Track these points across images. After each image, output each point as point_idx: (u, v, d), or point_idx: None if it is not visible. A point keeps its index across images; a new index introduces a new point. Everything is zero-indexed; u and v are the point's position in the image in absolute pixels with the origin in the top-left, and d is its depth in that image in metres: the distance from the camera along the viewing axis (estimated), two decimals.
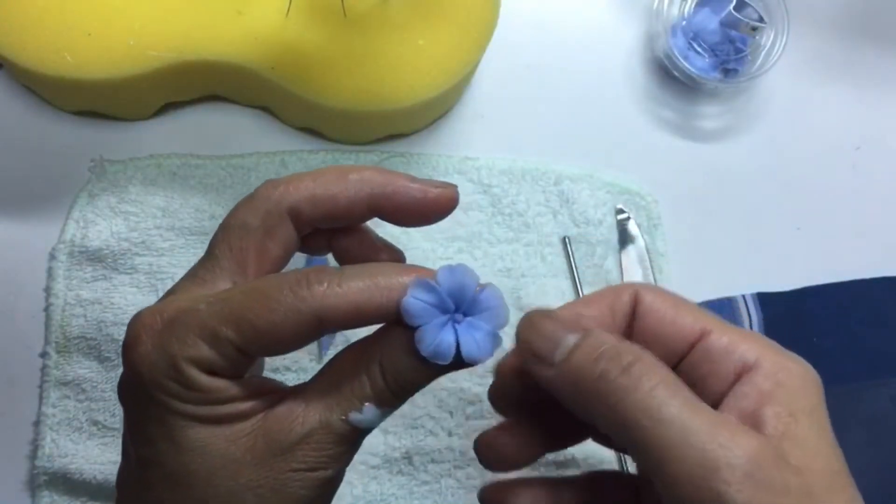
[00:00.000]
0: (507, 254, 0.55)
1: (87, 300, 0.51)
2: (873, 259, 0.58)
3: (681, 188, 0.59)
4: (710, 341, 0.29)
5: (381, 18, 0.52)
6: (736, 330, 0.30)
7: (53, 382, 0.50)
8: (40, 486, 0.49)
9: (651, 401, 0.26)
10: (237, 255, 0.29)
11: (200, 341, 0.26)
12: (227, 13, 0.51)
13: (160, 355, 0.26)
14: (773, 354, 0.29)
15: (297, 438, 0.27)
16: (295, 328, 0.26)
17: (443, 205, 0.30)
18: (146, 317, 0.27)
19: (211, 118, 0.56)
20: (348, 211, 0.29)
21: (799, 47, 0.61)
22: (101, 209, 0.52)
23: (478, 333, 0.27)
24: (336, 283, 0.26)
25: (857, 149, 0.61)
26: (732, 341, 0.29)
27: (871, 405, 0.54)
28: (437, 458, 0.51)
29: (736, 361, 0.29)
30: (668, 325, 0.30)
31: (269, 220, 0.29)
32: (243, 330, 0.26)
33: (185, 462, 0.27)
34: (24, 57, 0.49)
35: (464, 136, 0.58)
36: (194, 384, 0.26)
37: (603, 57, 0.61)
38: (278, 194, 0.29)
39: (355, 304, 0.26)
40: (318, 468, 0.27)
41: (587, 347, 0.28)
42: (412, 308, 0.26)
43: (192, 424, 0.27)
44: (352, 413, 0.27)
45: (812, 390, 0.28)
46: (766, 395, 0.28)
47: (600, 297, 0.31)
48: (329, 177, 0.29)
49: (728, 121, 0.61)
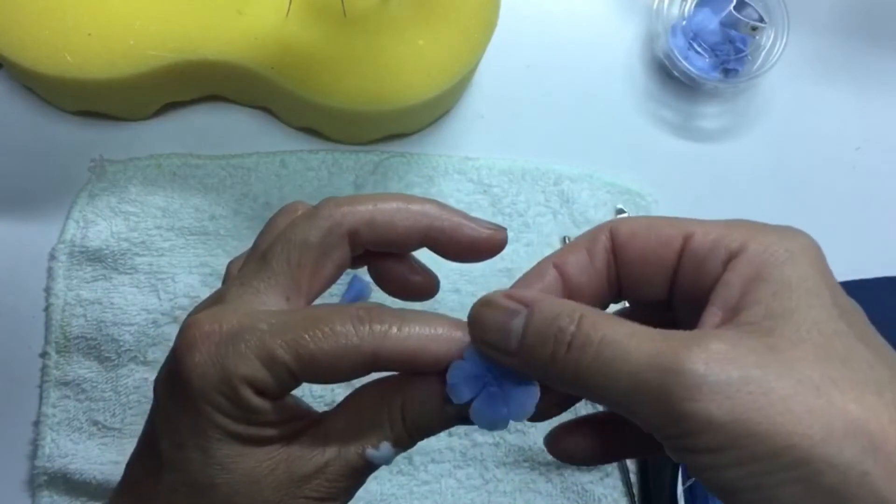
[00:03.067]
0: (507, 254, 0.54)
1: (87, 300, 0.51)
2: (873, 259, 0.58)
3: (681, 188, 0.59)
4: (695, 242, 0.28)
5: (381, 18, 0.52)
6: (721, 223, 0.28)
7: (53, 382, 0.50)
8: (40, 486, 0.49)
9: (599, 364, 0.25)
10: (294, 271, 0.29)
11: (258, 362, 0.26)
12: (227, 13, 0.51)
13: (216, 368, 0.27)
14: (760, 235, 0.27)
15: (315, 469, 0.28)
16: (352, 364, 0.27)
17: (493, 246, 0.31)
18: (205, 324, 0.27)
19: (211, 118, 0.56)
20: (404, 240, 0.30)
21: (799, 47, 0.61)
22: (101, 209, 0.52)
23: (517, 391, 0.28)
24: (396, 326, 0.27)
25: (857, 149, 0.61)
26: (717, 235, 0.28)
27: None
28: (437, 458, 0.51)
29: (722, 253, 0.27)
30: (650, 244, 0.29)
31: (329, 239, 0.29)
32: (301, 357, 0.26)
33: (211, 475, 0.27)
34: (24, 57, 0.49)
35: (464, 136, 0.58)
36: (244, 403, 0.27)
37: (603, 57, 0.61)
38: (340, 215, 0.29)
39: (412, 351, 0.27)
40: (327, 499, 0.28)
41: (534, 330, 0.26)
42: (458, 383, 0.28)
43: (228, 440, 0.27)
44: (368, 449, 0.28)
45: (801, 260, 0.27)
46: (750, 279, 0.26)
47: (575, 245, 0.31)
48: (392, 204, 0.30)
49: (728, 121, 0.61)
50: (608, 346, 0.25)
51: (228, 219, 0.53)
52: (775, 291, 0.26)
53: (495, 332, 0.27)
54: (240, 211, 0.53)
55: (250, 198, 0.53)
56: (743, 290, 0.26)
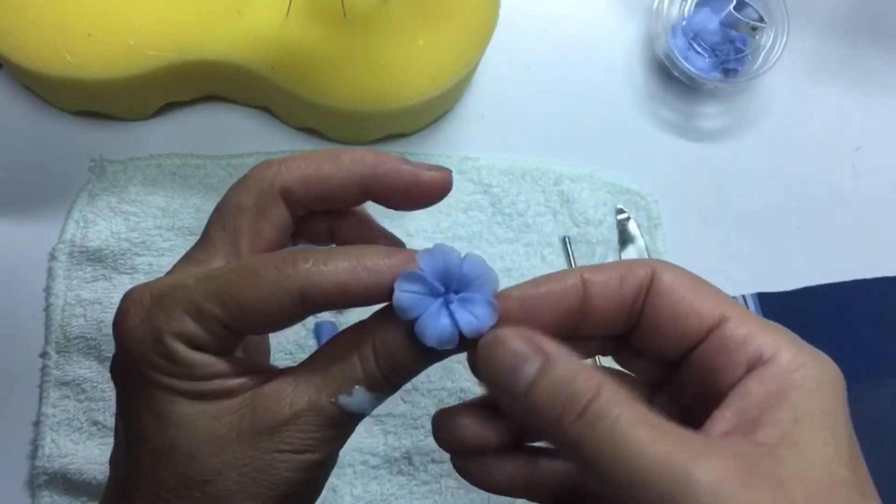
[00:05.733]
0: (507, 254, 0.55)
1: (87, 300, 0.51)
2: (873, 259, 0.58)
3: (681, 188, 0.59)
4: (728, 328, 0.27)
5: (381, 18, 0.52)
6: (757, 320, 0.27)
7: (53, 382, 0.50)
8: (40, 486, 0.48)
9: (608, 444, 0.24)
10: (231, 235, 0.29)
11: (186, 316, 0.26)
12: (227, 13, 0.51)
13: (146, 330, 0.26)
14: (792, 349, 0.27)
15: (284, 419, 0.27)
16: (279, 305, 0.26)
17: (436, 188, 0.29)
18: (136, 293, 0.28)
19: (211, 118, 0.56)
20: (341, 192, 0.29)
21: (799, 47, 0.61)
22: (101, 209, 0.52)
23: (473, 307, 0.27)
24: (322, 262, 0.26)
25: (857, 149, 0.61)
26: (751, 332, 0.27)
27: (872, 405, 0.54)
28: (437, 458, 0.51)
29: (751, 353, 0.27)
30: (686, 308, 0.28)
31: (262, 200, 0.29)
32: (228, 305, 0.26)
33: (170, 437, 0.27)
34: (24, 57, 0.49)
35: (464, 136, 0.58)
36: (178, 358, 0.26)
37: (603, 57, 0.61)
38: (271, 174, 0.29)
39: (340, 283, 0.26)
40: (304, 450, 0.27)
41: (545, 386, 0.25)
42: (404, 302, 0.26)
43: (177, 399, 0.27)
44: (341, 396, 0.27)
45: (828, 392, 0.26)
46: (773, 395, 0.26)
47: (612, 267, 0.29)
48: (322, 157, 0.29)
49: (728, 121, 0.61)
50: (622, 430, 0.24)
51: None
52: (797, 418, 0.25)
53: (503, 374, 0.26)
54: None
55: None
56: (764, 405, 0.26)
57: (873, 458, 0.57)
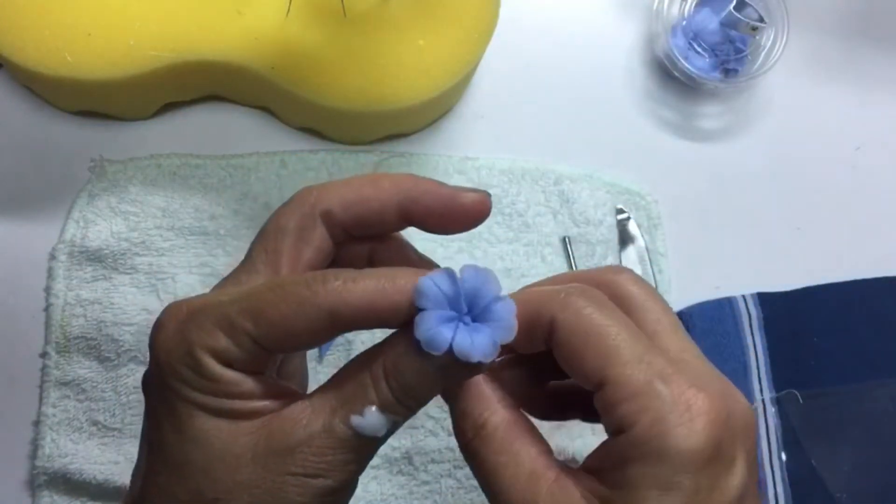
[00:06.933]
0: (507, 254, 0.55)
1: (87, 300, 0.51)
2: (873, 259, 0.58)
3: (681, 188, 0.59)
4: (605, 393, 0.27)
5: (381, 18, 0.52)
6: (641, 381, 0.27)
7: (53, 382, 0.50)
8: (40, 486, 0.49)
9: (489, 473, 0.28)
10: (271, 257, 0.29)
11: (218, 330, 0.26)
12: (227, 13, 0.51)
13: (178, 342, 0.27)
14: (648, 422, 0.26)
15: (298, 441, 0.27)
16: (308, 321, 0.26)
17: (475, 210, 0.29)
18: (173, 307, 0.28)
19: (211, 118, 0.56)
20: (380, 215, 0.29)
21: (799, 47, 0.61)
22: (101, 209, 0.52)
23: (477, 336, 0.27)
24: (352, 280, 0.26)
25: (857, 149, 0.61)
26: (621, 398, 0.27)
27: (871, 405, 0.54)
28: (437, 458, 0.51)
29: (615, 422, 0.27)
30: (577, 365, 0.28)
31: (303, 223, 0.29)
32: (258, 321, 0.26)
33: (186, 451, 0.27)
34: (24, 57, 0.49)
35: (464, 136, 0.58)
36: (206, 372, 0.27)
37: (603, 57, 0.61)
38: (312, 198, 0.29)
39: (369, 302, 0.26)
40: (316, 475, 0.27)
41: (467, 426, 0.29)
42: (425, 288, 0.26)
43: (199, 414, 0.27)
44: (353, 417, 0.27)
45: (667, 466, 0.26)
46: (616, 463, 0.27)
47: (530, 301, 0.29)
48: (361, 181, 0.30)
49: (728, 121, 0.61)
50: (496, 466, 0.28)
51: (228, 219, 0.53)
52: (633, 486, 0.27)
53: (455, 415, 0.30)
54: (240, 211, 0.53)
55: (250, 198, 0.53)
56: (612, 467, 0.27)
57: (873, 457, 0.57)
